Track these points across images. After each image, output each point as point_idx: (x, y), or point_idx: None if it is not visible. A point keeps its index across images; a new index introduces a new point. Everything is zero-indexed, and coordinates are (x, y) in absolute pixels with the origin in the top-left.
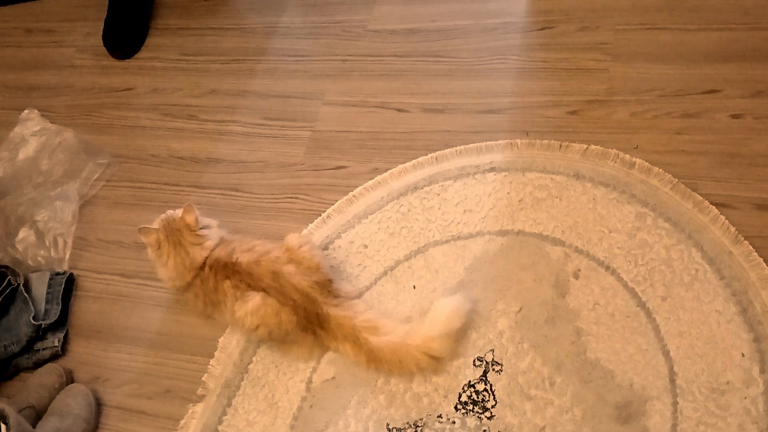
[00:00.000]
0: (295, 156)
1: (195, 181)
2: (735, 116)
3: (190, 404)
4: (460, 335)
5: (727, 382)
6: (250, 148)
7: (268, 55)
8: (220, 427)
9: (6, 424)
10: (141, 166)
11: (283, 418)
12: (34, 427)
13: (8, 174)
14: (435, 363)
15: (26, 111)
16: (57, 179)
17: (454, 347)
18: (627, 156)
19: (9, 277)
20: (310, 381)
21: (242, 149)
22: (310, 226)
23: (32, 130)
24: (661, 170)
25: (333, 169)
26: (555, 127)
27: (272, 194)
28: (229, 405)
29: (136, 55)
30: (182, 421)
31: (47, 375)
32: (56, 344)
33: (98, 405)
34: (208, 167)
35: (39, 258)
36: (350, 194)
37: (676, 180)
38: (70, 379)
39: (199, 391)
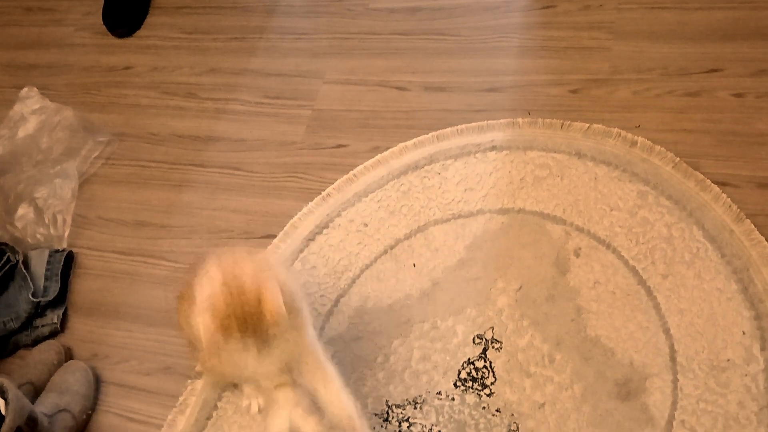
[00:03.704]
0: (295, 135)
1: (195, 160)
2: (737, 95)
3: (190, 381)
4: None
5: (728, 360)
6: (250, 126)
7: (269, 33)
8: (219, 404)
9: (5, 399)
10: (141, 144)
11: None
12: (33, 403)
13: (7, 152)
14: None
15: (26, 89)
16: (56, 157)
17: None
18: (629, 134)
19: (8, 254)
20: None
21: (242, 128)
22: (310, 204)
23: (32, 108)
24: (662, 149)
25: (333, 147)
26: (557, 105)
27: (272, 173)
28: (227, 385)
29: (135, 34)
30: (181, 398)
31: (46, 352)
32: (55, 321)
33: (97, 382)
34: (207, 145)
35: (38, 235)
36: (350, 173)
37: (678, 158)
38: (69, 356)
39: (198, 368)
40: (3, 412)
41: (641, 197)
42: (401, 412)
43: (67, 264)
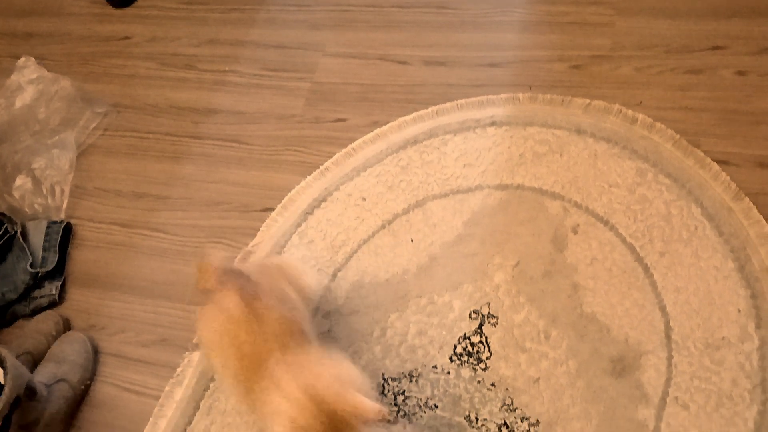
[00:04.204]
0: (294, 108)
1: (193, 132)
2: (740, 73)
3: (187, 352)
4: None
5: (723, 338)
6: (249, 99)
7: (269, 4)
8: (217, 377)
9: (4, 368)
10: (139, 115)
11: None
12: (31, 373)
13: (5, 122)
14: None
15: (23, 58)
16: (54, 127)
17: None
18: (629, 111)
19: (6, 224)
20: None
21: (241, 100)
22: (308, 178)
23: (29, 78)
24: (663, 126)
25: (332, 121)
26: (558, 81)
27: (271, 146)
28: None
29: (134, 4)
30: (179, 369)
31: (44, 322)
32: (53, 292)
33: (95, 352)
34: (206, 118)
35: (36, 206)
36: (349, 147)
37: (678, 136)
38: (67, 326)
39: (196, 340)
40: (1, 382)
41: (640, 175)
42: (397, 385)
43: (65, 235)
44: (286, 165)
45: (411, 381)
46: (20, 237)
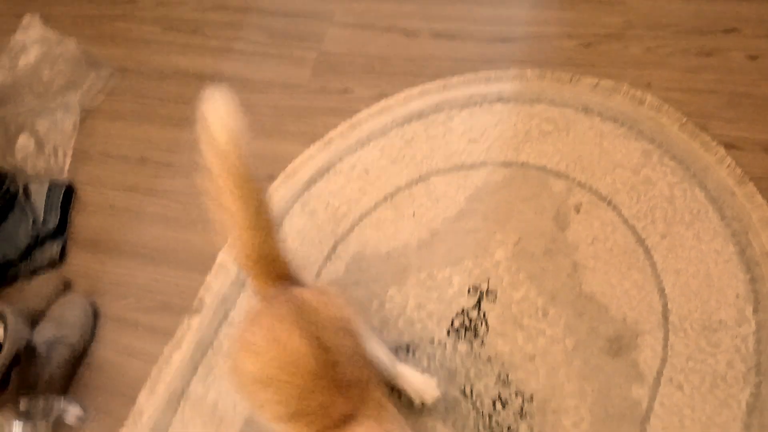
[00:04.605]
0: (300, 77)
1: (198, 98)
2: (751, 57)
3: (186, 318)
4: None
5: (720, 321)
6: (255, 66)
7: None
8: (215, 343)
9: (4, 325)
10: (143, 80)
11: None
12: (31, 334)
13: (8, 82)
14: None
15: (27, 17)
16: (58, 90)
17: None
18: (638, 92)
19: (8, 184)
20: None
21: (247, 67)
22: (312, 148)
23: (33, 38)
24: (671, 108)
25: (338, 92)
26: (567, 59)
27: (275, 115)
28: (225, 320)
29: None
30: (178, 334)
31: (45, 283)
32: (54, 253)
33: (95, 316)
34: (211, 83)
35: (38, 167)
36: (354, 118)
37: (686, 118)
38: (68, 288)
39: (195, 306)
40: (1, 340)
41: (646, 156)
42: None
43: (66, 197)
44: (291, 134)
45: (407, 353)
46: (22, 197)
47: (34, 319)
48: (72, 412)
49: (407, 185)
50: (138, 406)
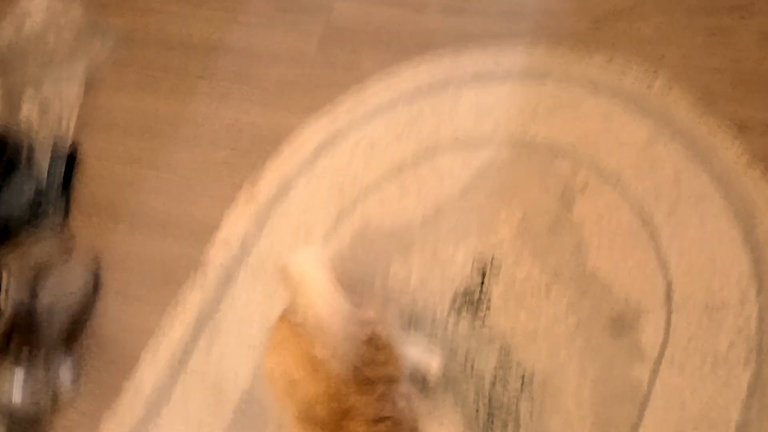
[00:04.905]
0: (306, 50)
1: (204, 70)
2: (761, 35)
3: (188, 288)
4: None
5: (723, 301)
6: (262, 39)
7: None
8: (217, 316)
9: (6, 287)
10: (150, 50)
11: (280, 303)
12: (33, 294)
13: (13, 48)
14: None
15: None
16: (63, 58)
17: None
18: (647, 70)
19: (12, 147)
20: None
21: (253, 40)
22: (318, 122)
23: (38, 5)
24: (680, 87)
25: (344, 66)
26: (576, 36)
27: (281, 88)
28: (227, 292)
29: None
30: (179, 305)
31: (47, 247)
32: (57, 219)
33: (96, 282)
34: (216, 56)
35: (42, 134)
36: (360, 93)
37: (695, 98)
38: (69, 254)
39: (198, 276)
40: (2, 304)
41: (653, 135)
42: None
43: (69, 164)
44: (296, 108)
45: (409, 329)
46: (26, 162)
47: (35, 284)
48: (67, 375)
49: (413, 161)
50: (139, 375)
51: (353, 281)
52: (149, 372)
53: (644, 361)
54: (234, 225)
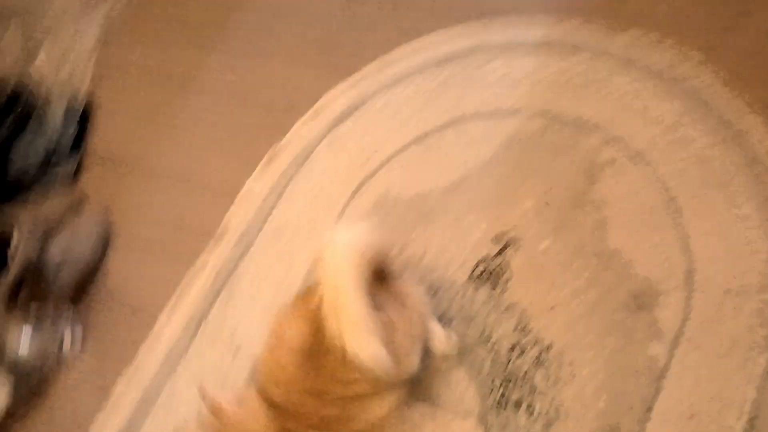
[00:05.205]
0: (333, 7)
1: (223, 26)
2: None
3: (209, 243)
4: None
5: (744, 285)
6: None
7: None
8: (236, 272)
9: (14, 241)
10: (166, 3)
11: (298, 266)
12: (43, 249)
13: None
14: None
15: None
16: (79, 8)
17: None
18: (682, 48)
19: (26, 98)
20: None
21: None
22: (343, 83)
23: None
24: (714, 66)
25: (372, 26)
26: (611, 11)
27: (304, 46)
28: (249, 247)
29: None
30: (200, 259)
31: (59, 201)
32: (70, 171)
33: (107, 235)
34: (237, 12)
35: (57, 85)
36: (388, 55)
37: (729, 77)
38: (82, 207)
39: (220, 231)
40: (12, 260)
41: (684, 114)
42: None
43: (84, 116)
44: (320, 67)
45: (427, 296)
46: (40, 113)
47: (46, 237)
48: (75, 330)
49: (438, 128)
50: (156, 329)
51: (386, 256)
52: (167, 326)
53: (662, 338)
54: (254, 184)
